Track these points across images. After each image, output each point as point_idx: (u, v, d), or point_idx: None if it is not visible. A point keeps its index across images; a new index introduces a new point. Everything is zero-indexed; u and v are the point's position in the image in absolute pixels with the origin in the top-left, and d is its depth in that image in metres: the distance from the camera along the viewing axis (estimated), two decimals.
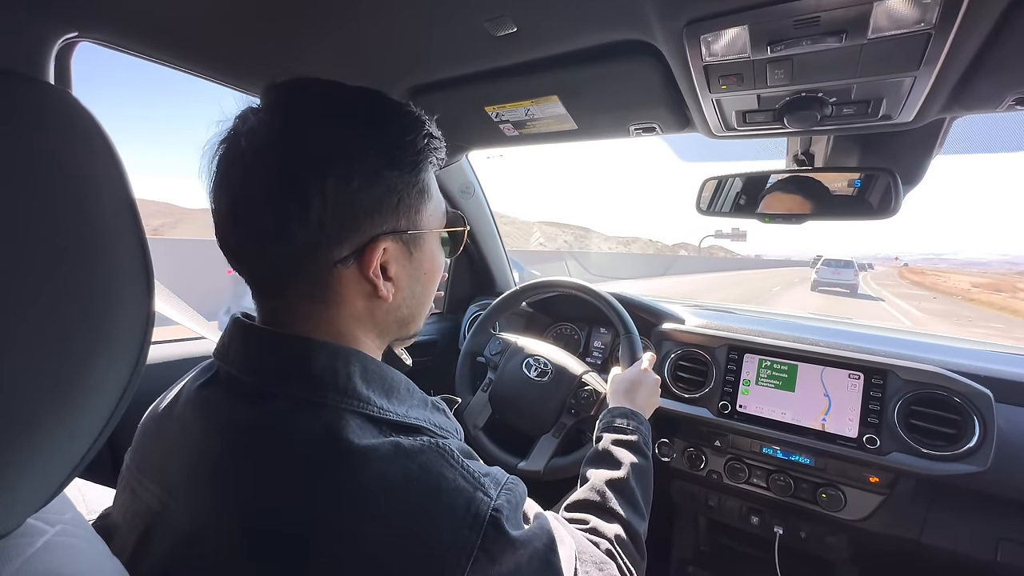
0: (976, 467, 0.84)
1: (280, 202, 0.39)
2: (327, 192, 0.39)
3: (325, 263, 0.41)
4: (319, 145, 0.40)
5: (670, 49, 0.68)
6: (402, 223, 0.44)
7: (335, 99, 0.43)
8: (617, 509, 0.63)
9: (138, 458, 0.45)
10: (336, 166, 0.39)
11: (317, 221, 0.39)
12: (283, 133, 0.40)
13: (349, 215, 0.41)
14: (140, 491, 0.43)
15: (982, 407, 0.87)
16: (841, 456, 0.95)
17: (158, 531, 0.39)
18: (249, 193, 0.40)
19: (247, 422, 0.39)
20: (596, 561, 0.52)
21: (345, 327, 0.45)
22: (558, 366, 1.10)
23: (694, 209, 1.05)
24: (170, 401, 0.47)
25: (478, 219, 1.47)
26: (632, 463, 0.70)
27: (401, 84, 0.92)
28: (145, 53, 0.76)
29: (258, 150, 0.39)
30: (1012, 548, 0.87)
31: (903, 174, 0.83)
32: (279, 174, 0.39)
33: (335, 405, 0.39)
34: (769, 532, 1.11)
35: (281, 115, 0.41)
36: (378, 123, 0.43)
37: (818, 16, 0.55)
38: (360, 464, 0.36)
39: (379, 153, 0.41)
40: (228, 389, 0.42)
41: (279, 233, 0.39)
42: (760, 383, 1.06)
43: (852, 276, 21.77)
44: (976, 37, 0.56)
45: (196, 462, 0.40)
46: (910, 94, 0.66)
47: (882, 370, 0.96)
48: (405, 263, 0.46)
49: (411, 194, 0.44)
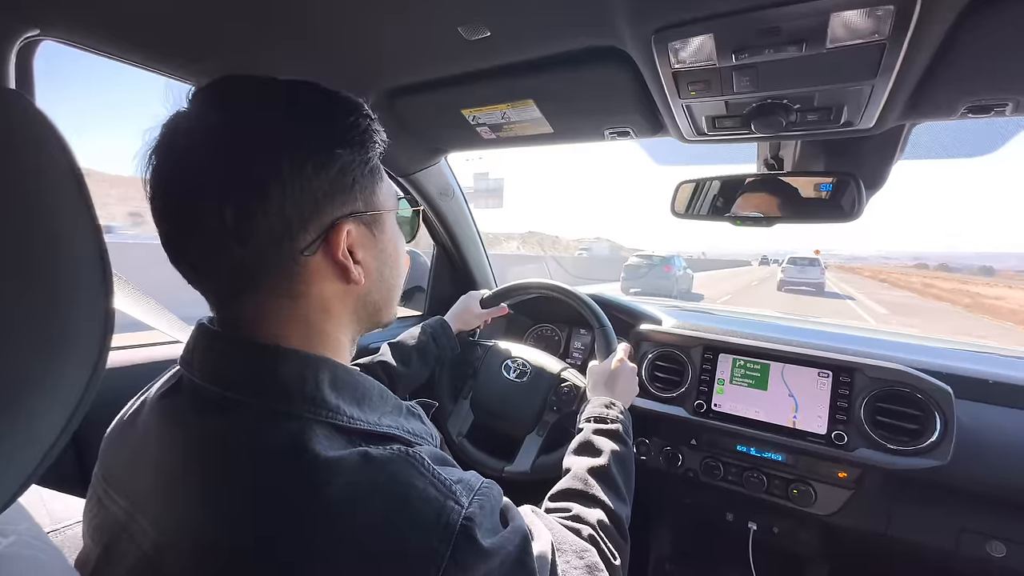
0: (937, 461, 0.87)
1: (238, 200, 0.38)
2: (284, 180, 0.38)
3: (292, 253, 0.41)
4: (267, 134, 0.39)
5: (640, 55, 0.69)
6: (360, 204, 0.44)
7: (272, 90, 0.42)
8: (599, 495, 0.64)
9: (104, 468, 0.44)
10: (288, 153, 0.39)
11: (278, 211, 0.39)
12: (229, 128, 0.39)
13: (309, 200, 0.40)
14: (107, 502, 0.42)
15: (943, 403, 0.91)
16: (811, 452, 0.98)
17: (123, 544, 0.39)
18: (202, 197, 0.38)
19: (211, 433, 0.38)
20: (576, 549, 0.52)
21: (316, 322, 0.44)
22: (536, 366, 1.11)
23: (669, 212, 1.07)
24: (135, 409, 0.46)
25: (458, 221, 1.47)
26: (613, 450, 0.71)
27: (376, 86, 0.92)
28: (110, 52, 0.74)
29: (205, 150, 0.38)
30: (972, 538, 0.90)
31: (866, 178, 0.85)
32: (232, 171, 0.38)
33: (302, 415, 0.38)
34: (743, 528, 1.14)
35: (222, 111, 0.40)
36: (319, 107, 0.43)
37: (779, 26, 0.57)
38: (326, 476, 0.35)
39: (327, 134, 0.41)
40: (192, 398, 0.41)
41: (241, 232, 0.38)
42: (734, 382, 1.08)
43: (819, 274, 21.29)
44: (928, 48, 0.59)
45: (160, 475, 0.39)
46: (869, 102, 0.69)
47: (849, 368, 0.99)
48: (371, 246, 0.46)
49: (364, 173, 0.44)
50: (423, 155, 1.24)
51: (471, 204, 1.51)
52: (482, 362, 1.18)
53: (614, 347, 1.00)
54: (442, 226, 1.45)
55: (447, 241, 1.49)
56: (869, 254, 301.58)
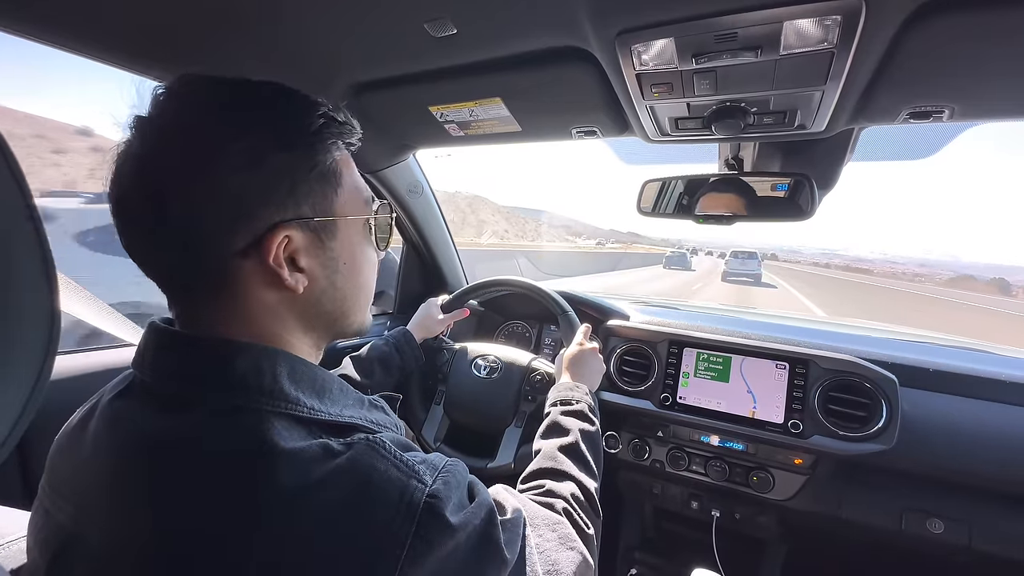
0: (883, 446, 0.93)
1: (163, 198, 0.38)
2: (209, 182, 0.38)
3: (222, 256, 0.40)
4: (197, 135, 0.39)
5: (605, 57, 0.70)
6: (305, 210, 0.42)
7: (218, 91, 0.41)
8: (569, 471, 0.66)
9: (52, 476, 0.42)
10: (214, 155, 0.38)
11: (202, 213, 0.38)
12: (162, 128, 0.39)
13: (237, 203, 0.39)
14: (53, 511, 0.40)
15: (888, 391, 0.96)
16: (769, 441, 1.02)
17: (71, 554, 0.37)
18: (135, 194, 0.39)
19: (162, 433, 0.37)
20: (549, 523, 0.53)
21: (264, 323, 0.43)
22: (506, 361, 1.13)
23: (635, 210, 1.09)
24: (84, 414, 0.44)
25: (427, 219, 1.46)
26: (580, 429, 0.73)
27: (340, 81, 0.90)
28: (67, 46, 0.71)
29: (142, 148, 0.39)
30: (914, 517, 0.97)
31: (819, 179, 0.90)
32: (161, 170, 0.38)
33: (260, 408, 0.37)
34: (707, 515, 1.18)
35: (163, 111, 0.40)
36: (265, 107, 0.42)
37: (736, 32, 0.59)
38: (284, 468, 0.34)
39: (264, 136, 0.40)
40: (144, 399, 0.40)
41: (166, 231, 0.38)
42: (698, 375, 1.12)
43: (757, 266, 24.07)
44: (873, 56, 0.62)
45: (109, 479, 0.38)
46: (820, 106, 0.72)
47: (804, 360, 1.04)
48: (318, 253, 0.44)
49: (308, 178, 0.42)
50: (391, 151, 1.22)
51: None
52: (451, 365, 1.18)
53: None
54: (411, 223, 1.43)
55: (416, 239, 1.48)
56: (875, 257, 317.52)
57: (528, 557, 0.47)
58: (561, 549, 0.52)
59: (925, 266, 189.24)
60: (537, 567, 0.47)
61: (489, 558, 0.40)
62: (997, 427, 0.94)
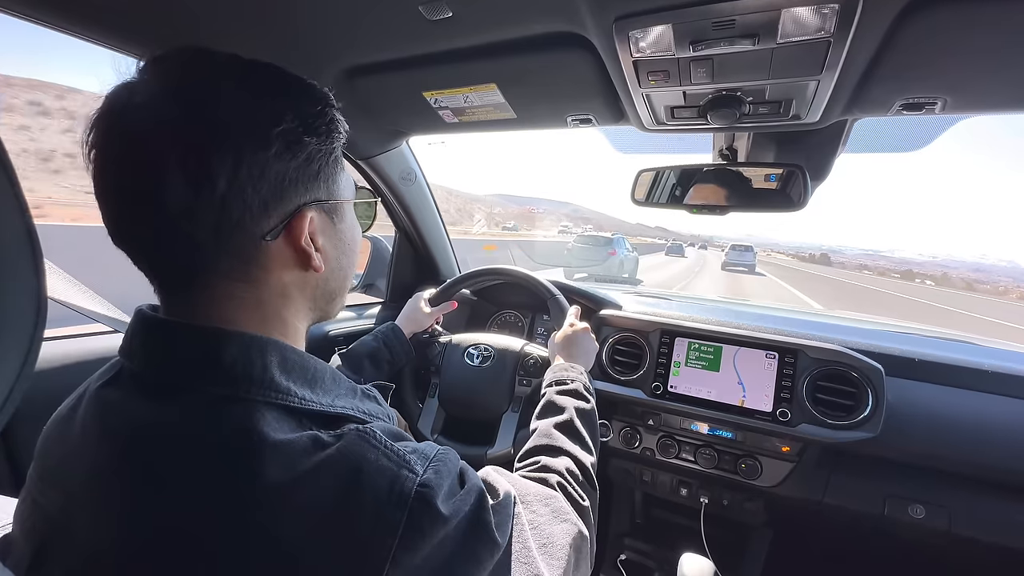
0: (869, 433, 0.95)
1: (197, 179, 0.36)
2: (247, 163, 0.37)
3: (251, 237, 0.39)
4: (230, 111, 0.37)
5: (602, 43, 0.70)
6: (322, 192, 0.44)
7: (237, 66, 0.40)
8: (564, 446, 0.66)
9: (40, 465, 0.42)
10: (252, 132, 0.37)
11: (238, 194, 0.37)
12: (187, 102, 0.37)
13: (273, 184, 0.39)
14: (41, 501, 0.39)
15: (874, 380, 0.98)
16: (758, 429, 1.04)
17: (58, 545, 0.37)
18: (157, 173, 0.36)
19: (149, 422, 0.37)
20: (541, 497, 0.54)
21: (271, 308, 0.43)
22: (499, 348, 1.13)
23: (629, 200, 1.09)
24: (73, 403, 0.43)
25: (420, 206, 1.44)
26: (575, 407, 0.74)
27: (333, 64, 0.89)
28: (48, 21, 0.69)
29: (159, 123, 0.36)
30: (896, 503, 0.99)
31: (812, 170, 0.90)
32: (192, 149, 0.36)
33: (251, 398, 0.37)
34: (696, 502, 1.20)
35: (180, 83, 0.38)
36: (288, 91, 0.42)
37: (734, 19, 0.59)
38: (273, 459, 0.34)
39: (295, 120, 0.40)
40: (132, 388, 0.39)
41: (197, 211, 0.36)
42: (689, 364, 1.13)
43: (752, 258, 28.84)
44: (868, 46, 0.62)
45: (97, 469, 0.37)
46: (815, 96, 0.72)
47: (793, 349, 1.05)
48: (331, 234, 0.47)
49: (328, 162, 0.44)
50: (384, 138, 1.21)
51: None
52: (443, 357, 1.18)
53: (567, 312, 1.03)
54: (403, 211, 1.42)
55: (408, 226, 1.47)
56: (924, 260, 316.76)
57: (520, 535, 0.47)
58: (555, 523, 0.52)
59: (980, 271, 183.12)
60: (531, 543, 0.47)
61: (481, 543, 0.40)
62: (978, 416, 0.96)
